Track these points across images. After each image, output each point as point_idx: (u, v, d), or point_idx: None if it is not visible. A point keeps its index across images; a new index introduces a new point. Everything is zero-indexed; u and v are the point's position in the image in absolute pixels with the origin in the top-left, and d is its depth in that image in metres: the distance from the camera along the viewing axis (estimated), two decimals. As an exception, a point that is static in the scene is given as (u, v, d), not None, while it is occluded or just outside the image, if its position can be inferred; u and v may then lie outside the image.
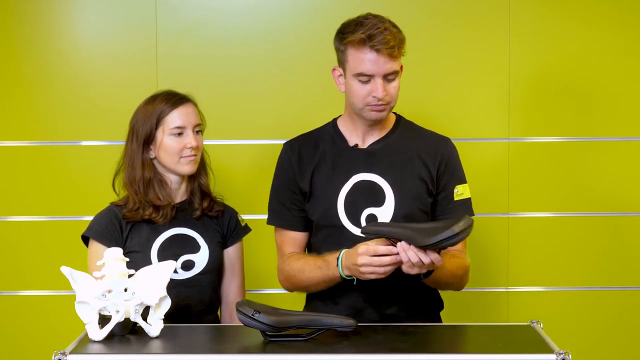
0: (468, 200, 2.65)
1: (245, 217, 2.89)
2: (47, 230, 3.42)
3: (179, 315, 2.56)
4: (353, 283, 2.49)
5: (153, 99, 2.75)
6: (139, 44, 3.38)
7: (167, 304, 2.33)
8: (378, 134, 2.64)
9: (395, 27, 2.53)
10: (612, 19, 3.38)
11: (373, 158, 2.62)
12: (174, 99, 2.74)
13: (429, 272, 2.43)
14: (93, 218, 2.76)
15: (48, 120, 3.40)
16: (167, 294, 2.32)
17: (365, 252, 2.37)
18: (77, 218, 3.35)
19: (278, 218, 2.68)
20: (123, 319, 2.26)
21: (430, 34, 3.39)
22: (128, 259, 2.34)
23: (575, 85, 3.40)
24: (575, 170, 3.43)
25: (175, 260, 2.63)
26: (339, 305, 2.59)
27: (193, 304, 2.71)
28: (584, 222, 3.44)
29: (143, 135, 2.73)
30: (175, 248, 2.72)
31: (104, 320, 2.26)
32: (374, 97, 2.52)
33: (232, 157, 3.39)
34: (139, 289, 2.29)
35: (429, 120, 3.29)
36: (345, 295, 2.59)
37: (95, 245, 2.70)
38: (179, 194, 2.78)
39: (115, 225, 2.72)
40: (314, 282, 2.56)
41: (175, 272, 2.69)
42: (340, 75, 2.59)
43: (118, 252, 2.31)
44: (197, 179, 2.78)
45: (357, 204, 2.59)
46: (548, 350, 2.15)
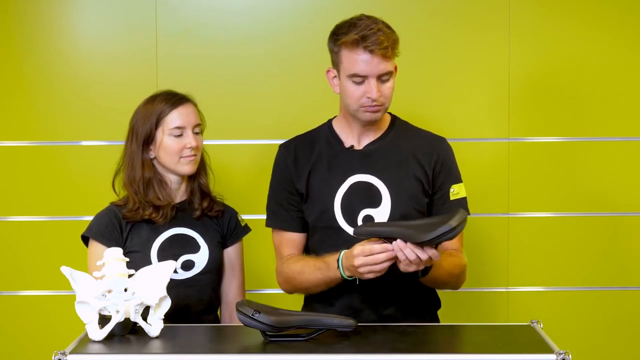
0: (464, 200, 2.65)
1: (245, 217, 2.89)
2: (47, 230, 3.42)
3: (179, 315, 2.56)
4: (355, 283, 2.49)
5: (153, 99, 2.75)
6: (139, 44, 3.38)
7: (167, 304, 2.33)
8: (373, 135, 2.64)
9: (389, 27, 2.53)
10: (612, 19, 3.38)
11: (369, 159, 2.62)
12: (174, 99, 2.74)
13: (427, 270, 2.43)
14: (93, 218, 2.76)
15: (48, 120, 3.40)
16: (167, 294, 2.32)
17: (361, 252, 2.37)
18: (77, 218, 3.35)
19: (276, 219, 2.67)
20: (123, 319, 2.26)
21: (430, 34, 3.39)
22: (128, 259, 2.34)
23: (575, 85, 3.40)
24: (575, 170, 3.43)
25: (175, 260, 2.62)
26: (336, 307, 2.59)
27: (193, 304, 2.71)
28: (584, 222, 3.44)
29: (143, 135, 2.73)
30: (175, 248, 2.72)
31: (104, 320, 2.26)
32: (368, 97, 2.51)
33: (232, 157, 3.39)
34: (139, 289, 2.29)
35: (429, 121, 3.29)
36: (343, 296, 2.59)
37: (95, 245, 2.70)
38: (179, 194, 2.78)
39: (115, 225, 2.72)
40: (314, 283, 2.56)
41: (175, 272, 2.69)
42: (335, 77, 2.59)
43: (118, 252, 2.31)
44: (197, 179, 2.78)
45: (353, 205, 2.59)
46: (548, 350, 2.15)
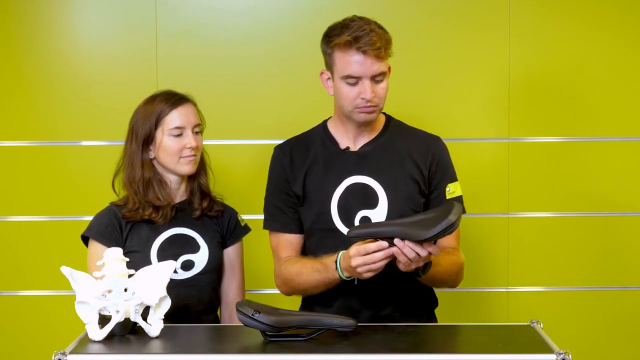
0: (460, 198, 2.65)
1: (245, 217, 2.89)
2: (47, 230, 3.42)
3: (179, 315, 2.56)
4: (354, 283, 2.49)
5: (152, 99, 2.75)
6: (139, 44, 3.38)
7: (167, 304, 2.32)
8: (368, 136, 2.64)
9: (381, 28, 2.53)
10: (612, 19, 3.38)
11: (365, 160, 2.62)
12: (174, 99, 2.73)
13: (427, 268, 2.43)
14: (93, 218, 2.76)
15: (48, 120, 3.40)
16: (167, 294, 2.32)
17: (357, 252, 2.37)
18: (77, 218, 3.35)
19: (274, 222, 2.67)
20: (123, 319, 2.26)
21: (430, 34, 3.39)
22: (128, 259, 2.34)
23: (575, 85, 3.40)
24: (575, 170, 3.43)
25: (175, 260, 2.62)
26: (335, 308, 2.59)
27: (192, 304, 2.71)
28: (584, 222, 3.44)
29: (142, 136, 2.73)
30: (175, 248, 2.72)
31: (104, 320, 2.26)
32: (363, 98, 2.51)
33: (231, 157, 3.38)
34: (139, 289, 2.29)
35: (429, 120, 3.29)
36: (341, 297, 2.58)
37: (95, 245, 2.70)
38: (179, 194, 2.78)
39: (115, 225, 2.72)
40: (313, 285, 2.56)
41: (175, 272, 2.69)
42: (329, 79, 2.59)
43: (118, 252, 2.31)
44: (196, 179, 2.78)
45: (350, 207, 2.59)
46: (548, 350, 2.15)
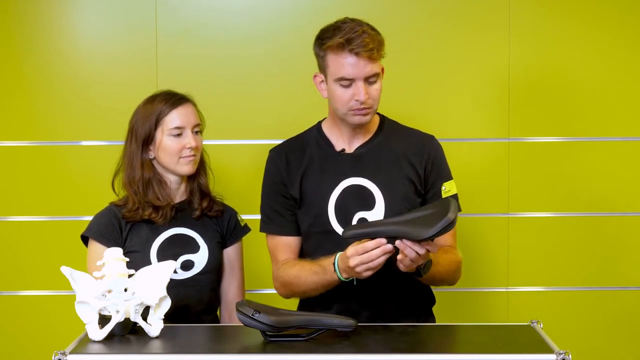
0: (455, 197, 2.65)
1: (245, 217, 2.89)
2: (47, 230, 3.42)
3: (178, 315, 2.56)
4: (353, 284, 2.49)
5: (152, 99, 2.75)
6: (139, 44, 3.38)
7: (167, 304, 2.32)
8: (363, 137, 2.64)
9: (374, 29, 2.53)
10: (612, 19, 3.38)
11: (360, 162, 2.62)
12: (173, 99, 2.73)
13: (427, 268, 2.43)
14: (92, 218, 2.76)
15: (48, 120, 3.40)
16: (167, 294, 2.32)
17: (355, 252, 2.36)
18: (77, 218, 3.35)
19: (272, 224, 2.67)
20: (123, 319, 2.26)
21: (430, 34, 3.39)
22: (128, 259, 2.34)
23: (575, 85, 3.40)
24: (576, 170, 3.43)
25: (175, 260, 2.62)
26: (333, 309, 2.59)
27: (192, 304, 2.71)
28: (584, 222, 3.44)
29: (142, 136, 2.72)
30: (175, 248, 2.72)
31: (104, 320, 2.26)
32: (357, 100, 2.51)
33: (231, 157, 3.38)
34: (139, 289, 2.29)
35: (429, 120, 3.29)
36: (338, 298, 2.58)
37: (95, 245, 2.70)
38: (179, 194, 2.78)
39: (115, 225, 2.72)
40: (312, 287, 2.55)
41: (175, 272, 2.69)
42: (322, 82, 2.59)
43: (118, 252, 2.31)
44: (196, 179, 2.78)
45: (347, 209, 2.59)
46: (548, 350, 2.15)
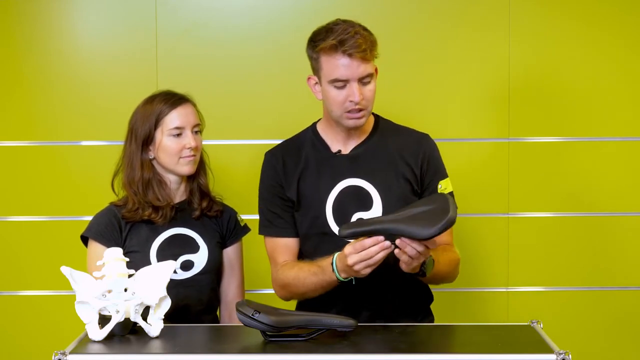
0: (451, 194, 2.65)
1: (245, 217, 2.89)
2: (47, 230, 3.42)
3: (178, 315, 2.56)
4: (352, 284, 2.49)
5: (152, 100, 2.75)
6: (139, 44, 3.38)
7: (167, 304, 2.32)
8: (359, 138, 2.64)
9: (366, 30, 2.54)
10: (612, 19, 3.38)
11: (357, 163, 2.62)
12: (173, 99, 2.73)
13: (431, 267, 2.42)
14: (92, 218, 2.76)
15: (48, 120, 3.40)
16: (167, 294, 2.32)
17: (353, 250, 2.35)
18: (77, 218, 3.35)
19: (272, 227, 2.66)
20: (123, 319, 2.26)
21: (430, 34, 3.38)
22: (128, 259, 2.34)
23: (575, 85, 3.40)
24: (575, 170, 3.43)
25: (175, 261, 2.62)
26: (332, 309, 2.58)
27: (192, 304, 2.71)
28: (584, 222, 3.44)
29: (142, 136, 2.72)
30: (175, 248, 2.72)
31: (104, 320, 2.26)
32: (351, 101, 2.52)
33: (231, 157, 3.38)
34: (139, 289, 2.29)
35: (429, 120, 3.29)
36: (337, 298, 2.57)
37: (95, 246, 2.70)
38: (178, 194, 2.78)
39: (115, 226, 2.71)
40: (311, 288, 2.55)
41: (175, 272, 2.68)
42: (316, 84, 2.59)
43: (118, 252, 2.31)
44: (196, 179, 2.78)
45: (345, 210, 2.59)
46: (548, 350, 2.15)
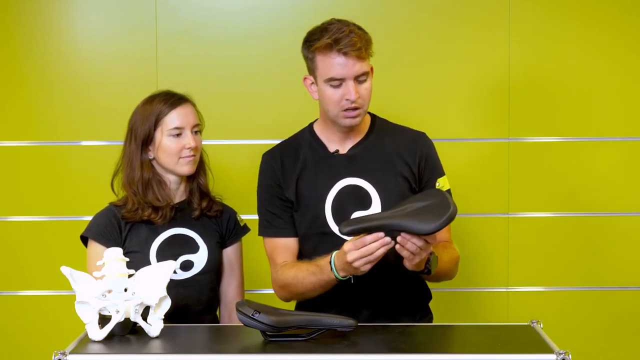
0: (449, 192, 2.65)
1: (244, 217, 2.89)
2: (47, 230, 3.42)
3: (178, 316, 2.56)
4: (350, 282, 2.48)
5: (151, 100, 2.75)
6: (139, 44, 3.38)
7: (167, 304, 2.32)
8: (356, 138, 2.65)
9: (360, 29, 2.55)
10: (612, 19, 3.38)
11: (354, 162, 2.62)
12: (172, 100, 2.73)
13: (435, 264, 2.43)
14: (92, 218, 2.76)
15: (48, 120, 3.40)
16: (167, 294, 2.32)
17: (353, 247, 2.35)
18: (77, 218, 3.35)
19: (270, 226, 2.66)
20: (123, 319, 2.26)
21: (430, 34, 3.38)
22: (128, 259, 2.34)
23: (575, 85, 3.40)
24: (576, 170, 3.43)
25: (174, 261, 2.62)
26: (330, 308, 2.58)
27: (192, 304, 2.71)
28: (584, 222, 3.44)
29: (142, 136, 2.72)
30: (174, 248, 2.72)
31: (104, 320, 2.26)
32: (348, 100, 2.52)
33: (231, 157, 3.38)
34: (139, 289, 2.29)
35: (429, 120, 3.29)
36: (336, 297, 2.57)
37: (94, 246, 2.70)
38: (178, 194, 2.78)
39: (114, 226, 2.71)
40: (310, 288, 2.55)
41: (174, 272, 2.68)
42: (312, 83, 2.60)
43: (118, 252, 2.31)
44: (196, 179, 2.78)
45: (344, 209, 2.60)
46: (548, 350, 2.15)
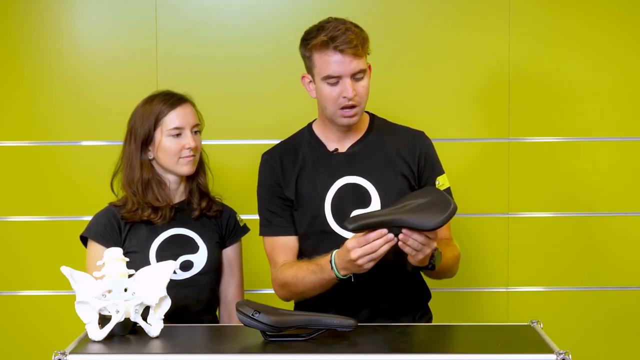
0: (448, 190, 2.66)
1: (244, 217, 2.89)
2: (47, 230, 3.42)
3: (177, 316, 2.55)
4: (351, 281, 2.48)
5: (151, 100, 2.75)
6: (139, 44, 3.38)
7: (167, 304, 2.32)
8: (355, 137, 2.65)
9: (357, 27, 2.55)
10: (612, 19, 3.38)
11: (354, 161, 2.63)
12: (172, 100, 2.73)
13: (439, 259, 2.43)
14: (92, 218, 2.76)
15: (48, 120, 3.40)
16: (167, 294, 2.32)
17: (357, 244, 2.34)
18: (77, 218, 3.35)
19: (270, 225, 2.67)
20: (123, 319, 2.26)
21: (430, 34, 3.39)
22: (128, 259, 2.34)
23: (575, 85, 3.40)
24: (576, 170, 3.43)
25: (174, 261, 2.62)
26: (330, 307, 2.57)
27: (191, 305, 2.71)
28: (584, 222, 3.44)
29: (141, 136, 2.72)
30: (174, 248, 2.72)
31: (104, 320, 2.26)
32: (345, 97, 2.52)
33: (231, 157, 3.38)
34: (139, 289, 2.29)
35: (429, 120, 3.29)
36: (335, 296, 2.57)
37: (94, 246, 2.70)
38: (178, 194, 2.78)
39: (114, 226, 2.71)
40: (310, 287, 2.54)
41: (174, 272, 2.68)
42: (310, 82, 2.60)
43: (118, 252, 2.31)
44: (195, 179, 2.78)
45: (344, 208, 2.60)
46: (548, 350, 2.15)
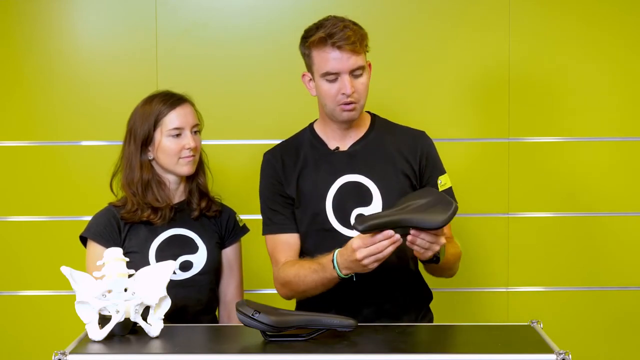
0: (450, 190, 2.67)
1: (244, 217, 2.89)
2: (47, 230, 3.42)
3: (177, 316, 2.55)
4: (352, 280, 2.48)
5: (150, 100, 2.74)
6: (139, 44, 3.38)
7: (167, 304, 2.32)
8: (356, 135, 2.65)
9: (356, 24, 2.56)
10: (612, 19, 3.38)
11: (355, 159, 2.63)
12: (172, 100, 2.73)
13: (443, 253, 2.44)
14: (91, 219, 2.76)
15: (48, 120, 3.40)
16: (167, 294, 2.32)
17: (362, 244, 2.35)
18: (77, 218, 3.35)
19: (271, 223, 2.66)
20: (123, 319, 2.26)
21: (430, 34, 3.39)
22: (128, 259, 2.34)
23: (575, 85, 3.40)
24: (576, 170, 3.43)
25: (174, 261, 2.62)
26: (330, 307, 2.57)
27: (191, 305, 2.71)
28: (584, 222, 3.44)
29: (141, 137, 2.72)
30: (174, 249, 2.72)
31: (104, 320, 2.26)
32: (343, 94, 2.53)
33: (231, 157, 3.38)
34: (139, 289, 2.29)
35: (429, 120, 3.29)
36: (337, 295, 2.57)
37: (94, 246, 2.70)
38: (177, 195, 2.78)
39: (114, 226, 2.71)
40: (312, 286, 2.54)
41: (174, 272, 2.68)
42: (310, 80, 2.61)
43: (118, 252, 2.31)
44: (195, 179, 2.78)
45: (345, 206, 2.60)
46: (548, 350, 2.15)
